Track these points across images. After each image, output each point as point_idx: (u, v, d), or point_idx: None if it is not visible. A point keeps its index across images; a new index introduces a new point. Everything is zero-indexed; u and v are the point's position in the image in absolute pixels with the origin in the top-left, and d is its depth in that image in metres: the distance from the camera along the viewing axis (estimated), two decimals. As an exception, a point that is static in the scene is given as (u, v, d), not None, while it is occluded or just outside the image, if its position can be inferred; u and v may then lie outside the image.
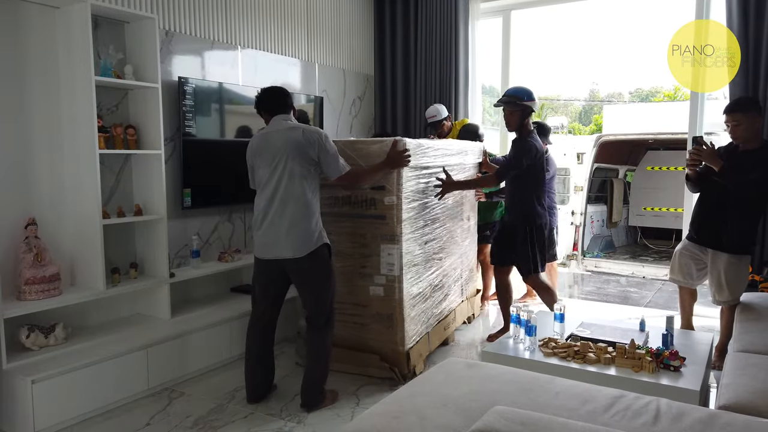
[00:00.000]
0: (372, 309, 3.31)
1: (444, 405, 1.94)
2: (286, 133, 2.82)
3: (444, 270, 3.91)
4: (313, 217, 2.83)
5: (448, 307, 4.01)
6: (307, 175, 2.82)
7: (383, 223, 3.23)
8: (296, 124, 2.93)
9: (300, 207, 2.79)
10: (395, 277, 3.23)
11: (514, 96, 3.70)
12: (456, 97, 5.09)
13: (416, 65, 5.34)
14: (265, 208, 2.83)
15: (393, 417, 1.88)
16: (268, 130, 2.90)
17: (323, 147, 2.84)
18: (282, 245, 2.80)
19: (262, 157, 2.86)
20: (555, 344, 2.98)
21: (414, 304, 3.41)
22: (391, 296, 3.25)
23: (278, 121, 2.90)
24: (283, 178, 2.79)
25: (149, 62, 3.29)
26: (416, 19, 5.31)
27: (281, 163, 2.80)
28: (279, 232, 2.80)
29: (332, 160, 2.87)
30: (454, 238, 4.09)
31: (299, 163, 2.79)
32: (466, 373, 2.27)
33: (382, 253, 3.23)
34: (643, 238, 9.10)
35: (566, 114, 31.18)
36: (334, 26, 5.12)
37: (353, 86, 5.38)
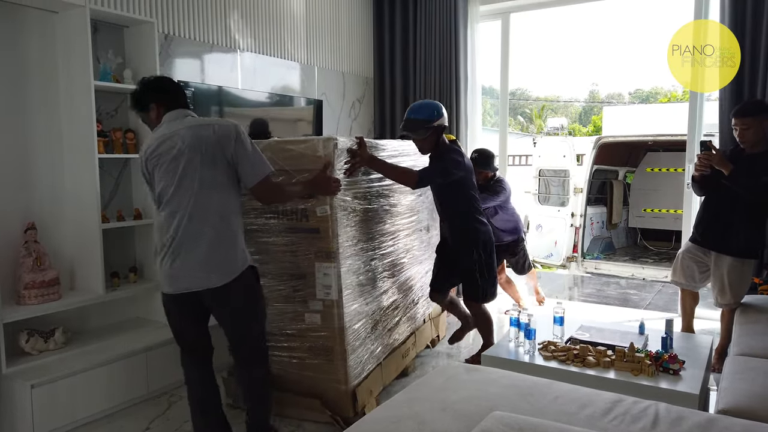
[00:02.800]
0: (308, 341, 2.82)
1: (443, 410, 1.94)
2: (191, 131, 2.25)
3: (399, 289, 3.45)
4: (236, 237, 2.32)
5: (407, 331, 3.55)
6: (224, 184, 2.28)
7: (317, 237, 2.73)
8: (204, 118, 2.39)
9: (218, 225, 2.25)
10: (333, 302, 2.73)
11: (422, 121, 3.16)
12: (457, 100, 5.09)
13: (416, 67, 5.34)
14: (172, 230, 2.26)
15: (391, 422, 1.88)
16: (166, 129, 2.29)
17: (241, 142, 2.27)
18: (197, 275, 2.25)
19: (160, 166, 2.27)
20: (554, 347, 2.98)
21: (360, 333, 2.94)
22: (329, 325, 2.76)
23: (178, 116, 2.32)
24: (192, 190, 2.23)
25: (148, 66, 3.29)
26: (415, 22, 5.31)
27: (189, 171, 2.23)
28: (192, 258, 2.24)
29: (252, 159, 2.29)
30: (412, 252, 3.65)
31: (213, 169, 2.24)
32: (465, 377, 2.27)
33: (317, 273, 2.73)
34: (643, 240, 9.10)
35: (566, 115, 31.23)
36: (333, 29, 5.13)
37: (352, 89, 5.39)
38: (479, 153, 4.37)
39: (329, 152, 2.66)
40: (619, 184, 8.71)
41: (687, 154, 4.44)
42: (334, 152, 2.68)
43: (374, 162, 3.02)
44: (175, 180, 2.24)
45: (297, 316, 2.83)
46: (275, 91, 4.46)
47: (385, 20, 5.47)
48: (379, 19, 5.51)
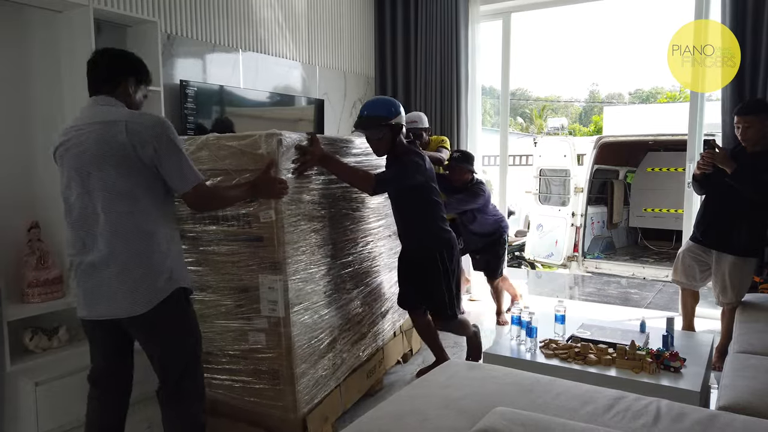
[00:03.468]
0: (252, 363, 2.50)
1: (446, 406, 1.95)
2: (101, 128, 1.89)
3: (365, 301, 3.13)
4: (153, 255, 1.93)
5: (372, 347, 3.21)
6: (142, 194, 1.92)
7: (261, 246, 2.40)
8: (122, 111, 1.96)
9: (133, 242, 1.90)
10: (280, 320, 2.40)
11: (376, 118, 2.88)
12: (458, 99, 5.10)
13: (417, 67, 5.36)
14: (78, 245, 1.97)
15: (395, 418, 1.90)
16: (77, 121, 1.98)
17: (164, 144, 1.90)
18: (110, 301, 1.93)
19: (66, 162, 1.96)
20: (556, 345, 3.00)
21: (314, 353, 2.61)
22: (275, 345, 2.43)
23: (93, 106, 1.98)
24: (96, 200, 1.90)
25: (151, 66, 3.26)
26: (417, 21, 5.32)
27: (93, 176, 1.89)
28: (103, 281, 1.92)
29: (178, 165, 1.94)
30: (379, 259, 3.34)
31: (127, 177, 1.89)
32: (467, 374, 2.29)
33: (262, 287, 2.41)
34: (644, 240, 9.11)
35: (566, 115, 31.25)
36: (334, 28, 5.14)
37: (354, 88, 5.40)
38: (462, 152, 4.32)
39: (272, 150, 2.33)
40: (620, 184, 8.73)
41: (687, 154, 4.45)
42: (279, 150, 2.34)
43: (327, 161, 2.69)
44: (77, 186, 1.93)
45: (240, 335, 2.50)
46: (277, 91, 4.47)
47: (386, 19, 5.48)
48: (381, 17, 5.52)
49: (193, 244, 2.58)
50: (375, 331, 3.24)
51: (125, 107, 2.01)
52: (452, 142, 5.15)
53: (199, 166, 2.22)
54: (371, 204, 3.25)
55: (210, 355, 2.57)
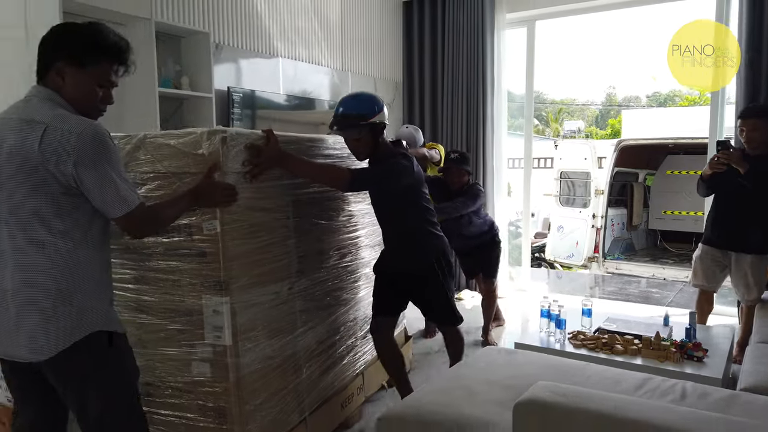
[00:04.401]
0: (197, 397, 2.13)
1: (489, 383, 2.15)
2: (14, 129, 1.54)
3: (339, 322, 2.75)
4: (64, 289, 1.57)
5: (348, 372, 2.81)
6: (52, 214, 1.54)
7: (204, 262, 2.04)
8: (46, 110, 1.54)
9: (35, 274, 1.54)
10: (226, 349, 2.04)
11: (355, 117, 2.51)
12: (483, 104, 5.29)
13: (444, 72, 5.55)
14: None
15: (443, 392, 2.11)
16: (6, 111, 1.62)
17: (87, 159, 1.51)
18: (13, 339, 1.59)
19: None
20: (583, 336, 3.18)
21: (270, 385, 2.24)
22: (222, 378, 2.07)
23: (25, 99, 1.61)
24: (7, 220, 1.56)
25: (203, 73, 3.55)
26: (444, 28, 5.52)
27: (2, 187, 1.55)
28: (4, 315, 1.59)
29: (101, 186, 1.54)
30: (358, 274, 2.94)
31: (32, 193, 1.52)
32: (505, 359, 2.49)
33: (205, 310, 2.05)
34: (663, 242, 9.22)
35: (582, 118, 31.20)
36: (365, 36, 5.37)
37: (383, 93, 5.62)
38: (459, 153, 4.08)
39: (215, 150, 1.98)
40: (640, 187, 8.85)
41: (708, 157, 4.59)
42: (223, 149, 1.99)
43: (286, 161, 2.27)
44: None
45: (183, 364, 2.13)
46: (312, 96, 4.71)
47: (414, 26, 5.69)
48: (409, 25, 5.74)
49: (130, 258, 2.17)
50: (354, 355, 2.86)
51: (63, 103, 1.58)
52: (478, 146, 5.34)
53: (137, 169, 2.06)
54: (350, 210, 2.86)
55: (150, 386, 2.19)
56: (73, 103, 1.60)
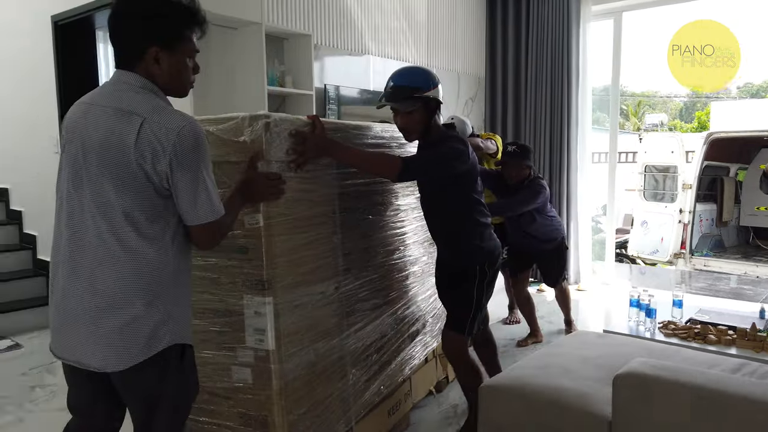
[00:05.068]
0: (237, 404, 1.98)
1: (584, 362, 2.26)
2: (109, 118, 1.40)
3: (388, 324, 2.53)
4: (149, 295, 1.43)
5: (396, 377, 2.59)
6: (143, 217, 1.42)
7: (245, 260, 1.89)
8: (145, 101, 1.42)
9: (120, 278, 1.40)
10: (269, 353, 1.88)
11: (408, 88, 2.29)
12: (568, 98, 5.31)
13: (527, 66, 5.61)
14: (56, 261, 1.50)
15: (539, 368, 2.24)
16: (89, 98, 1.50)
17: (183, 159, 1.39)
18: (82, 344, 1.43)
19: (65, 153, 1.49)
20: (675, 326, 3.20)
21: (315, 392, 2.07)
22: (264, 385, 1.91)
23: (113, 84, 1.48)
24: (82, 210, 1.43)
25: (305, 72, 3.82)
26: (528, 21, 5.57)
27: (85, 178, 1.42)
28: (76, 315, 1.43)
29: (197, 190, 1.43)
30: (408, 271, 2.72)
31: (122, 192, 1.39)
32: (598, 341, 2.58)
33: (247, 311, 1.90)
34: (756, 239, 8.78)
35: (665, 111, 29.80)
36: (450, 31, 5.51)
37: (466, 88, 5.74)
38: (518, 145, 3.70)
39: (258, 137, 1.82)
40: (731, 181, 8.47)
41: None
42: (267, 136, 1.83)
43: (334, 149, 2.10)
44: (67, 185, 1.46)
45: (222, 368, 1.97)
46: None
47: (497, 20, 5.77)
48: (492, 19, 5.82)
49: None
50: (401, 359, 2.62)
51: (157, 92, 1.48)
52: (562, 141, 5.36)
53: None
54: (398, 203, 2.66)
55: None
56: (168, 87, 1.51)
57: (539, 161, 5.53)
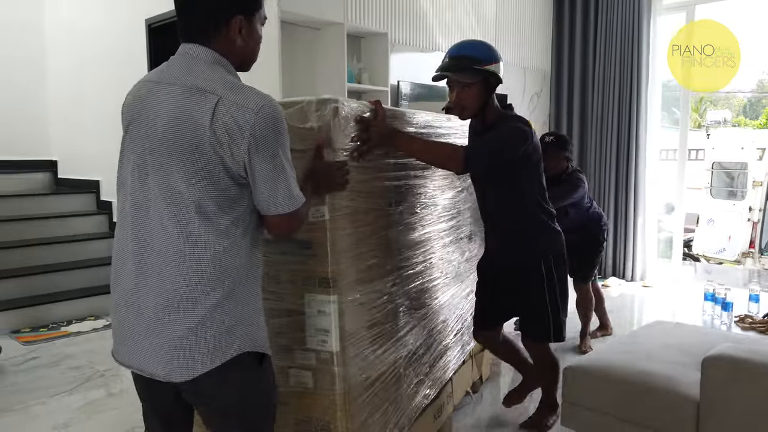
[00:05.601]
0: (295, 411, 1.84)
1: (666, 347, 2.33)
2: (177, 98, 1.26)
3: (432, 323, 2.40)
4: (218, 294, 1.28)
5: (442, 379, 2.47)
6: (216, 208, 1.28)
7: (308, 255, 1.77)
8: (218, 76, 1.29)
9: (188, 276, 1.26)
10: (332, 355, 1.76)
11: (470, 59, 2.14)
12: (638, 94, 5.28)
13: (595, 61, 5.59)
14: (119, 257, 1.35)
15: (623, 353, 2.32)
16: (154, 76, 1.35)
17: (263, 144, 1.25)
18: (145, 351, 1.30)
19: (129, 136, 1.35)
20: (752, 320, 3.20)
21: (375, 397, 1.95)
22: (326, 389, 1.79)
23: (181, 59, 1.33)
24: (148, 202, 1.29)
25: (381, 69, 3.99)
26: (596, 15, 5.56)
27: (150, 166, 1.29)
28: (141, 319, 1.30)
29: (277, 177, 1.29)
30: (449, 269, 2.57)
31: (193, 180, 1.25)
32: (676, 330, 2.63)
33: (308, 310, 1.79)
34: (831, 240, 8.44)
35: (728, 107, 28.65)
36: (518, 27, 5.56)
37: (531, 83, 5.79)
38: (556, 135, 3.52)
39: (326, 123, 1.70)
40: (804, 179, 8.18)
41: None
42: (335, 122, 1.72)
43: (397, 138, 1.99)
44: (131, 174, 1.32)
45: (280, 371, 1.77)
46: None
47: (564, 15, 5.78)
48: (559, 13, 5.83)
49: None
50: (445, 360, 2.51)
51: (230, 68, 1.34)
52: (630, 137, 5.34)
53: None
54: (446, 197, 2.54)
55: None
56: (243, 61, 1.38)
57: (606, 160, 5.52)
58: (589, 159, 5.69)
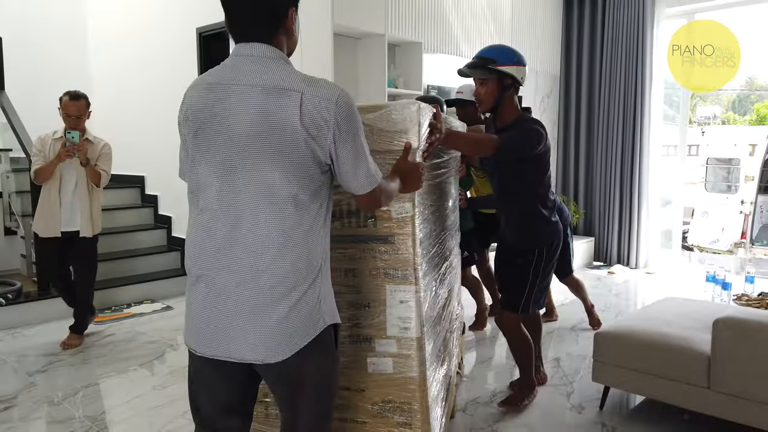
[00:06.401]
0: (373, 395, 1.96)
1: (679, 316, 2.77)
2: (259, 99, 1.30)
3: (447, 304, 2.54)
4: (311, 278, 1.39)
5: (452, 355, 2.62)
6: (307, 196, 1.36)
7: (389, 249, 1.90)
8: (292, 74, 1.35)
9: (284, 261, 1.34)
10: (413, 341, 1.90)
11: (486, 59, 2.49)
12: (642, 95, 5.71)
13: (602, 64, 6.02)
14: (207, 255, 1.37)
15: (644, 320, 2.76)
16: (217, 78, 1.37)
17: (345, 129, 1.35)
18: (240, 336, 1.35)
19: (201, 137, 1.37)
20: (748, 298, 3.66)
21: (438, 377, 2.13)
22: (406, 373, 1.92)
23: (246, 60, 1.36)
24: (237, 200, 1.33)
25: (414, 75, 4.39)
26: (603, 21, 5.99)
27: (241, 173, 1.33)
28: (235, 309, 1.35)
29: (358, 160, 1.40)
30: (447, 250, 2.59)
31: (288, 173, 1.32)
32: (685, 304, 3.07)
33: (389, 300, 1.92)
34: (817, 231, 8.95)
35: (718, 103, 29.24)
36: (530, 31, 5.98)
37: (542, 85, 6.21)
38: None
39: (411, 125, 1.81)
40: (792, 174, 8.67)
41: None
42: (417, 125, 1.82)
43: (451, 137, 2.19)
44: (217, 174, 1.35)
45: (356, 362, 1.95)
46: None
47: (573, 20, 6.21)
48: (569, 19, 6.27)
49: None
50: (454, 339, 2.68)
51: (287, 59, 1.40)
52: (635, 136, 5.77)
53: None
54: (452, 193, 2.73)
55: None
56: (291, 51, 1.44)
57: (612, 155, 5.96)
58: (596, 156, 6.13)
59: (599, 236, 6.17)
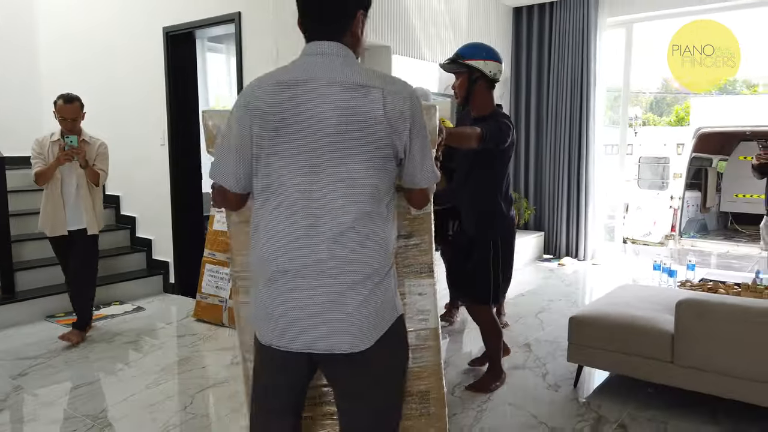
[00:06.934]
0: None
1: (640, 300, 3.09)
2: (344, 95, 1.34)
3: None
4: (388, 266, 1.45)
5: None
6: (385, 188, 1.43)
7: (409, 245, 1.99)
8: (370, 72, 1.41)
9: (371, 251, 1.40)
10: (431, 332, 2.02)
11: (458, 55, 2.73)
12: (587, 98, 6.11)
13: (549, 69, 6.40)
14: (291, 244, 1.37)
15: (610, 305, 3.05)
16: (301, 74, 1.38)
17: (417, 125, 1.43)
18: (325, 327, 1.37)
19: (285, 135, 1.36)
20: (691, 284, 4.06)
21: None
22: (426, 362, 2.02)
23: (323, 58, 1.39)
24: (323, 196, 1.36)
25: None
26: (550, 30, 6.36)
27: (324, 162, 1.36)
28: (322, 298, 1.37)
29: (425, 154, 1.48)
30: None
31: (370, 167, 1.38)
32: (642, 290, 3.41)
33: (409, 293, 2.01)
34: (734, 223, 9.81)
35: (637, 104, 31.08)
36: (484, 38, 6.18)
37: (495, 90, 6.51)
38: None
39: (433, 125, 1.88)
40: (713, 171, 9.46)
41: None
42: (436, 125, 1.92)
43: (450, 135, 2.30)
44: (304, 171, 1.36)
45: None
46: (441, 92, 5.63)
47: (522, 29, 6.56)
48: (518, 28, 6.61)
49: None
50: None
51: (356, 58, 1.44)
52: (581, 136, 6.17)
53: None
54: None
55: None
56: (357, 53, 1.47)
57: (560, 155, 6.34)
58: (545, 156, 6.51)
59: (549, 230, 6.56)
